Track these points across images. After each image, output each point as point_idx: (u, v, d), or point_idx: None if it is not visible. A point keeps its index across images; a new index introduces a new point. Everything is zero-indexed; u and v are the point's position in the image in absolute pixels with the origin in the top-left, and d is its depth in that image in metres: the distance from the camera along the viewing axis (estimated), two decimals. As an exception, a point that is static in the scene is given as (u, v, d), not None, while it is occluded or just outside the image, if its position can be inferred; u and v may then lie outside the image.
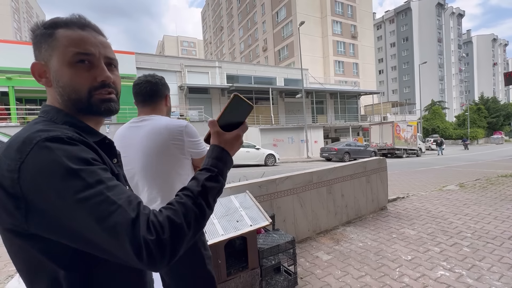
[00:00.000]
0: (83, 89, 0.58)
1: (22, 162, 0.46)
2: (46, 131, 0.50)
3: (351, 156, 15.62)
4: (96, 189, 0.47)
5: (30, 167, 0.46)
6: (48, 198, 0.46)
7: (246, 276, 1.82)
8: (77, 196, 0.46)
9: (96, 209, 0.46)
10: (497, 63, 79.82)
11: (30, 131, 0.50)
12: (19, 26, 65.48)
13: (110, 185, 0.49)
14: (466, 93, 71.53)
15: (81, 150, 0.51)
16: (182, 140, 1.13)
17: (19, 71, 13.12)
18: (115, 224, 0.46)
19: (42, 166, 0.46)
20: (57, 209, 0.46)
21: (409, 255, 2.65)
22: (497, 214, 3.83)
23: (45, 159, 0.46)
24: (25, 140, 0.48)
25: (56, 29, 0.57)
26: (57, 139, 0.49)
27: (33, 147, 0.47)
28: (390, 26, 62.56)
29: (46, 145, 0.47)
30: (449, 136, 39.24)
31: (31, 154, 0.47)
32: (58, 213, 0.46)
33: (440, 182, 6.98)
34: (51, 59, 0.57)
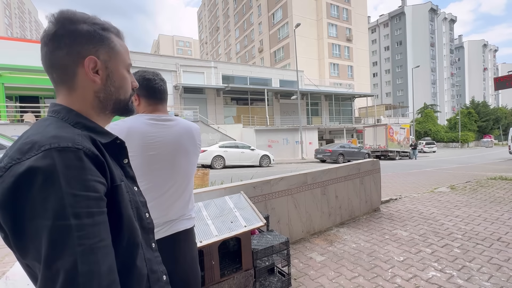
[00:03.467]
0: (129, 92, 0.67)
1: (18, 163, 0.45)
2: (58, 137, 0.48)
3: (345, 157, 15.75)
4: (68, 223, 0.43)
5: (19, 171, 0.44)
6: (18, 207, 0.43)
7: (239, 277, 1.81)
8: (50, 221, 0.43)
9: (52, 245, 0.42)
10: (487, 68, 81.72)
11: (44, 135, 0.48)
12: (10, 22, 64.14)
13: (90, 223, 0.46)
14: (457, 97, 72.95)
15: (84, 169, 0.48)
16: (200, 141, 1.23)
17: (9, 68, 12.83)
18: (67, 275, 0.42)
19: (30, 174, 0.44)
20: (24, 220, 0.43)
21: (401, 256, 2.68)
22: (486, 216, 3.91)
23: (40, 168, 0.44)
24: (34, 145, 0.46)
25: (110, 34, 0.62)
26: (68, 151, 0.47)
27: (39, 153, 0.45)
28: (384, 30, 63.47)
29: (52, 155, 0.45)
30: (441, 139, 39.95)
31: (32, 159, 0.45)
32: (21, 223, 0.43)
33: (431, 184, 7.09)
34: (110, 61, 0.61)
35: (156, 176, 1.05)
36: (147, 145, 1.02)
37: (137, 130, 1.08)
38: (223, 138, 15.91)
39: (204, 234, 1.67)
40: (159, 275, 0.67)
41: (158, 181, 1.06)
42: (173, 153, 1.09)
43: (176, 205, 1.09)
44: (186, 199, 1.14)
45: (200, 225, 1.74)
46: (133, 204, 0.60)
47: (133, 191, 0.63)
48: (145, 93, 1.15)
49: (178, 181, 1.11)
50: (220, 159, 12.50)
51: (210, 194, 2.21)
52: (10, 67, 13.04)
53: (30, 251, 0.44)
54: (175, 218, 1.08)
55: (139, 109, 1.20)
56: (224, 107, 21.76)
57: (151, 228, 0.68)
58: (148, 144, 1.04)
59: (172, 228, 1.06)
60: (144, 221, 0.65)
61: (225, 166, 12.58)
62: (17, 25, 68.24)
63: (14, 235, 0.44)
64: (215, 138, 15.74)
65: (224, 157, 12.60)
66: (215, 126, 17.55)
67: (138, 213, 0.63)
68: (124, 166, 0.64)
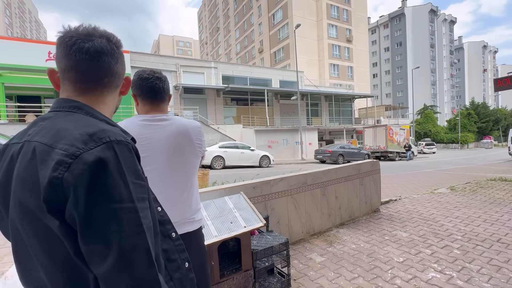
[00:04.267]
0: None
1: (85, 152, 0.48)
2: (110, 132, 0.53)
3: (345, 158, 15.75)
4: (135, 205, 0.50)
5: (90, 159, 0.48)
6: (92, 193, 0.47)
7: (239, 278, 1.81)
8: (121, 205, 0.49)
9: (128, 225, 0.49)
10: (487, 69, 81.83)
11: (94, 128, 0.52)
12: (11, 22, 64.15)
13: (143, 207, 0.53)
14: (457, 98, 73.06)
15: (135, 161, 0.55)
16: (201, 140, 1.16)
17: (9, 68, 12.84)
18: (136, 249, 0.49)
19: (102, 163, 0.48)
20: (93, 206, 0.47)
21: (401, 257, 2.68)
22: (486, 217, 3.91)
23: (104, 160, 0.49)
24: (92, 136, 0.50)
25: None
26: (123, 144, 0.53)
27: (101, 144, 0.50)
28: (384, 31, 63.55)
29: (113, 146, 0.51)
30: (441, 140, 39.99)
31: (97, 149, 0.49)
32: (90, 209, 0.47)
33: (431, 185, 7.09)
34: (123, 73, 0.71)
35: (150, 178, 1.01)
36: (139, 147, 0.99)
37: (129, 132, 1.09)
38: (223, 138, 15.91)
39: (204, 235, 1.67)
40: (179, 262, 0.72)
41: (152, 183, 1.03)
42: (166, 153, 1.06)
43: (175, 207, 1.05)
44: (186, 201, 1.10)
45: (200, 226, 1.74)
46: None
47: None
48: (140, 93, 1.14)
49: (174, 183, 1.08)
50: (220, 160, 12.50)
51: (210, 195, 2.21)
52: (10, 66, 13.04)
53: (97, 233, 0.47)
54: (175, 221, 1.04)
55: (138, 110, 1.18)
56: (224, 107, 21.76)
57: (166, 220, 0.74)
58: (139, 146, 1.03)
59: None
60: (157, 214, 0.70)
61: (225, 166, 12.58)
62: (17, 24, 68.25)
63: (84, 219, 0.47)
64: (215, 138, 15.73)
65: (224, 158, 12.60)
66: (215, 127, 17.55)
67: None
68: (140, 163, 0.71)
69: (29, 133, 0.55)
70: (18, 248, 0.55)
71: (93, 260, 0.47)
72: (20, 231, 0.52)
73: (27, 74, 12.28)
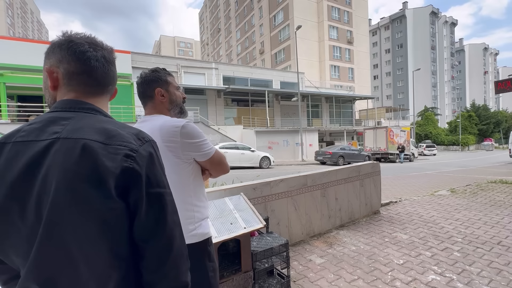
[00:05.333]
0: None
1: (139, 147, 0.60)
2: (144, 133, 0.65)
3: (345, 160, 15.73)
4: (170, 191, 0.65)
5: (145, 154, 0.61)
6: (149, 180, 0.59)
7: (239, 279, 1.80)
8: (165, 190, 0.63)
9: (170, 205, 0.63)
10: (488, 71, 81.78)
11: (132, 129, 0.64)
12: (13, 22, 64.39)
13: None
14: (458, 100, 72.96)
15: (161, 158, 0.67)
16: (177, 142, 1.00)
17: (11, 67, 12.88)
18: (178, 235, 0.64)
19: (152, 157, 0.62)
20: (150, 189, 0.59)
21: (401, 259, 2.67)
22: (486, 219, 3.90)
23: (153, 154, 0.62)
24: (138, 136, 0.63)
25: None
26: (155, 143, 0.66)
27: (146, 142, 0.63)
28: (385, 32, 63.61)
29: (152, 145, 0.64)
30: (441, 142, 39.92)
31: (145, 146, 0.62)
32: (148, 192, 0.59)
33: (432, 187, 7.08)
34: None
35: None
36: None
37: None
38: (223, 139, 15.91)
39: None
40: None
41: None
42: None
43: None
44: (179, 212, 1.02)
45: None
46: None
47: None
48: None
49: None
50: (220, 160, 12.48)
51: (210, 195, 2.21)
52: (12, 66, 13.08)
53: (151, 211, 0.59)
54: None
55: None
56: (225, 108, 21.78)
57: None
58: None
59: None
60: None
61: (225, 167, 12.56)
62: (19, 25, 68.49)
63: (146, 200, 0.58)
64: (215, 139, 15.74)
65: (224, 158, 12.59)
66: (216, 127, 17.56)
67: None
68: None
69: (55, 131, 0.57)
70: (50, 240, 0.52)
71: (149, 235, 0.58)
72: (63, 225, 0.51)
73: (29, 74, 12.31)
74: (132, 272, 0.59)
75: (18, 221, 0.54)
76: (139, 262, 0.59)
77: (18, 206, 0.54)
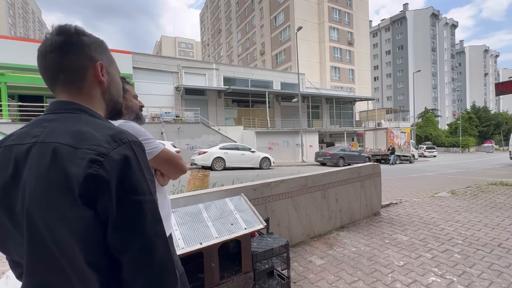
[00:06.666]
0: (121, 97, 0.77)
1: (112, 150, 0.54)
2: (125, 133, 0.59)
3: (346, 161, 15.73)
4: (153, 197, 0.58)
5: (117, 157, 0.54)
6: (121, 186, 0.53)
7: (239, 279, 1.80)
8: (143, 197, 0.56)
9: (150, 214, 0.56)
10: (488, 73, 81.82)
11: (111, 130, 0.58)
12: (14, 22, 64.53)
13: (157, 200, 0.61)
14: (458, 102, 72.99)
15: (147, 159, 0.62)
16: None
17: (12, 67, 12.91)
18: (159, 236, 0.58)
19: (128, 160, 0.55)
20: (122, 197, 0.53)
21: (401, 261, 2.67)
22: (487, 221, 3.90)
23: (129, 157, 0.55)
24: (113, 137, 0.56)
25: (107, 45, 0.72)
26: (138, 144, 0.60)
27: (122, 144, 0.56)
28: (386, 34, 63.70)
29: (131, 146, 0.57)
30: (442, 143, 39.90)
31: (119, 148, 0.55)
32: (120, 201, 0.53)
33: (432, 188, 7.07)
34: (110, 67, 0.71)
35: None
36: None
37: None
38: (223, 140, 15.92)
39: (204, 236, 1.67)
40: None
41: None
42: None
43: None
44: None
45: (200, 227, 1.74)
46: None
47: None
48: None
49: None
50: (220, 161, 12.50)
51: (211, 196, 2.21)
52: (13, 66, 13.12)
53: (126, 223, 0.53)
54: None
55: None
56: (225, 109, 21.79)
57: None
58: None
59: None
60: None
61: (225, 168, 12.57)
62: (21, 24, 68.66)
63: (116, 209, 0.52)
64: (215, 139, 15.75)
65: (225, 159, 12.60)
66: (216, 128, 17.57)
67: None
68: None
69: (35, 134, 0.56)
70: (34, 245, 0.53)
71: (122, 247, 0.53)
72: (42, 230, 0.51)
73: (30, 74, 12.34)
74: (113, 284, 0.55)
75: (9, 225, 0.56)
76: (120, 274, 0.55)
77: (9, 210, 0.55)
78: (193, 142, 15.53)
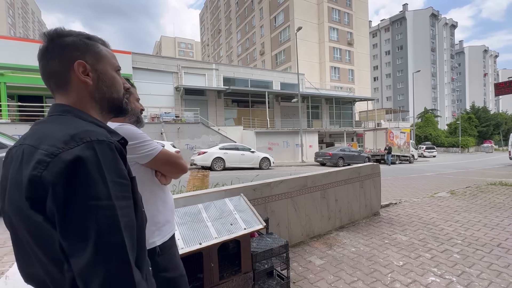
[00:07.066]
0: (121, 91, 0.73)
1: (65, 151, 0.50)
2: (93, 132, 0.55)
3: (345, 161, 15.73)
4: (112, 203, 0.52)
5: (68, 158, 0.50)
6: (69, 189, 0.49)
7: (238, 280, 1.80)
8: (98, 202, 0.50)
9: (104, 222, 0.50)
10: (487, 73, 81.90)
11: (77, 129, 0.55)
12: (14, 22, 64.48)
13: (124, 205, 0.55)
14: (457, 102, 73.07)
15: (117, 160, 0.56)
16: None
17: (12, 67, 12.90)
18: (110, 248, 0.50)
19: (82, 161, 0.50)
20: (70, 202, 0.49)
21: (400, 261, 2.67)
22: (486, 221, 3.90)
23: (84, 159, 0.51)
24: (74, 137, 0.53)
25: (94, 42, 0.69)
26: (104, 144, 0.54)
27: (81, 144, 0.52)
28: (385, 34, 63.74)
29: (93, 146, 0.53)
30: (441, 144, 39.94)
31: (77, 148, 0.51)
32: (67, 206, 0.49)
33: (431, 189, 7.08)
34: (98, 64, 0.67)
35: None
36: None
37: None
38: (223, 140, 15.92)
39: (204, 236, 1.67)
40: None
41: None
42: None
43: None
44: None
45: (200, 227, 1.74)
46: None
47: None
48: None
49: None
50: (220, 161, 12.50)
51: (210, 196, 2.21)
52: (13, 66, 13.10)
53: (76, 229, 0.49)
54: None
55: None
56: (225, 109, 21.79)
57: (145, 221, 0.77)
58: None
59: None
60: (144, 215, 0.72)
61: (225, 168, 12.57)
62: (20, 25, 68.59)
63: (63, 215, 0.49)
64: (215, 140, 15.74)
65: (224, 159, 12.60)
66: (216, 128, 17.57)
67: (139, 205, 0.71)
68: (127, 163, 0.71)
69: (25, 136, 0.59)
70: (16, 243, 0.58)
71: (71, 255, 0.49)
72: (16, 228, 0.55)
73: (29, 74, 12.32)
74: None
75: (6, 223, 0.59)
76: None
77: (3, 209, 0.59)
78: (192, 142, 15.53)
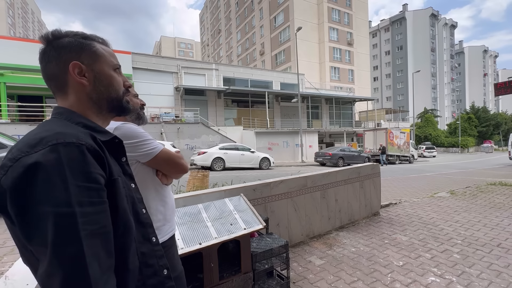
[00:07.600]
0: (121, 90, 0.71)
1: (26, 155, 0.49)
2: (63, 134, 0.53)
3: (345, 161, 15.73)
4: (73, 210, 0.48)
5: (28, 162, 0.48)
6: (25, 195, 0.48)
7: (238, 280, 1.80)
8: (56, 209, 0.47)
9: (61, 231, 0.47)
10: (487, 74, 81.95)
11: (50, 132, 0.53)
12: (13, 22, 64.47)
13: (90, 211, 0.50)
14: (457, 102, 73.10)
15: (86, 163, 0.52)
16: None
17: (12, 67, 12.89)
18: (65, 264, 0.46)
19: (42, 167, 0.48)
20: (26, 208, 0.48)
21: (400, 261, 2.67)
22: (486, 221, 3.90)
23: (44, 164, 0.49)
24: (42, 140, 0.51)
25: (91, 41, 0.68)
26: (71, 146, 0.52)
27: (46, 147, 0.50)
28: (385, 34, 63.76)
29: (58, 149, 0.50)
30: (441, 144, 39.95)
31: (39, 152, 0.50)
32: (23, 212, 0.48)
33: (431, 189, 7.08)
34: (95, 64, 0.66)
35: None
36: None
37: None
38: (223, 140, 15.91)
39: (204, 236, 1.67)
40: (157, 268, 0.70)
41: None
42: None
43: None
44: None
45: (200, 227, 1.74)
46: (129, 199, 0.64)
47: (129, 187, 0.68)
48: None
49: None
50: (220, 161, 12.49)
51: (210, 196, 2.21)
52: (13, 66, 13.09)
53: (36, 236, 0.48)
54: None
55: None
56: (225, 109, 21.79)
57: (149, 223, 0.73)
58: None
59: None
60: (141, 216, 0.70)
61: (225, 168, 12.57)
62: (20, 25, 68.57)
63: (21, 220, 0.48)
64: (215, 140, 15.74)
65: (224, 159, 12.60)
66: (216, 128, 17.56)
67: (134, 208, 0.67)
68: (123, 164, 0.69)
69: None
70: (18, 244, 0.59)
71: (39, 259, 0.49)
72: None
73: (29, 74, 12.32)
74: None
75: None
76: None
77: None
78: (192, 142, 15.53)
